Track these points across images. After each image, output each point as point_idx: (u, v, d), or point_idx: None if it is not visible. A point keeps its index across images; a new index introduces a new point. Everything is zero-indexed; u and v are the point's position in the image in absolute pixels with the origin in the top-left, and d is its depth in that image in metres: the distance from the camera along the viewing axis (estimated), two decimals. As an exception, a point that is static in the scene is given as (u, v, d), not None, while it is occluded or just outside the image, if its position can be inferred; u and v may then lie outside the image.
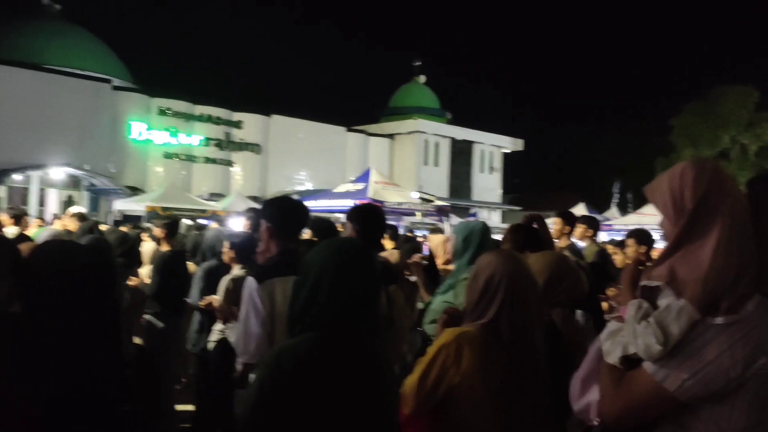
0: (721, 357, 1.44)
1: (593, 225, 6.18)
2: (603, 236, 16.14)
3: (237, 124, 27.63)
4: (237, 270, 4.80)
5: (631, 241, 5.57)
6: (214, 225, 9.74)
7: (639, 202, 27.20)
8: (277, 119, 29.06)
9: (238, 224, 7.81)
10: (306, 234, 5.60)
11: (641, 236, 5.51)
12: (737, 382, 1.44)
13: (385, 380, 1.90)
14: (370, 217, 3.63)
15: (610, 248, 6.77)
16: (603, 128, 46.46)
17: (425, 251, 5.40)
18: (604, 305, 4.66)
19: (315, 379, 1.73)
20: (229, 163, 27.51)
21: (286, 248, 3.15)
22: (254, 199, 21.44)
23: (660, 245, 4.14)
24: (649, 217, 15.07)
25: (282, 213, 3.22)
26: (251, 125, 28.08)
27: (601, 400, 1.62)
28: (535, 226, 4.04)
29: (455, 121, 36.31)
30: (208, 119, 26.71)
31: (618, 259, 6.18)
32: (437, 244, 5.04)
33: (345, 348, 1.80)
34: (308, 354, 1.75)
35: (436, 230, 11.50)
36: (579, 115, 75.66)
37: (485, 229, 3.60)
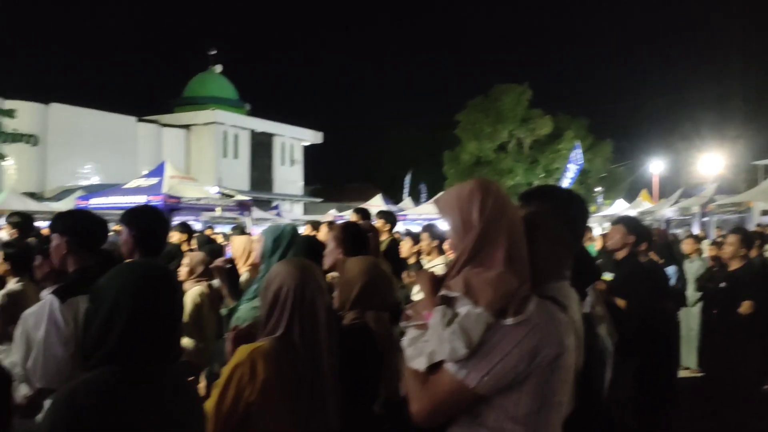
0: (511, 353, 1.66)
1: (390, 219, 6.51)
2: (400, 226, 16.97)
3: (9, 113, 24.80)
4: (13, 284, 4.33)
5: (425, 236, 5.95)
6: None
7: (431, 192, 28.94)
8: (56, 108, 26.54)
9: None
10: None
11: (434, 231, 5.92)
12: (524, 374, 1.67)
13: (193, 409, 1.83)
14: (147, 220, 3.31)
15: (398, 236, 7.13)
16: (397, 122, 48.70)
17: (228, 254, 5.23)
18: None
19: (115, 417, 1.60)
20: (0, 157, 24.65)
21: (86, 264, 2.96)
22: (32, 195, 19.44)
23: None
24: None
25: (82, 226, 3.04)
26: (26, 114, 25.36)
27: (411, 402, 1.76)
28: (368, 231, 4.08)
29: (255, 113, 35.85)
30: (-27, 107, 23.74)
31: (405, 248, 6.34)
32: (238, 246, 4.92)
33: (148, 381, 1.69)
34: (107, 390, 1.62)
35: (238, 229, 11.26)
36: (375, 109, 78.67)
37: (294, 232, 3.59)
